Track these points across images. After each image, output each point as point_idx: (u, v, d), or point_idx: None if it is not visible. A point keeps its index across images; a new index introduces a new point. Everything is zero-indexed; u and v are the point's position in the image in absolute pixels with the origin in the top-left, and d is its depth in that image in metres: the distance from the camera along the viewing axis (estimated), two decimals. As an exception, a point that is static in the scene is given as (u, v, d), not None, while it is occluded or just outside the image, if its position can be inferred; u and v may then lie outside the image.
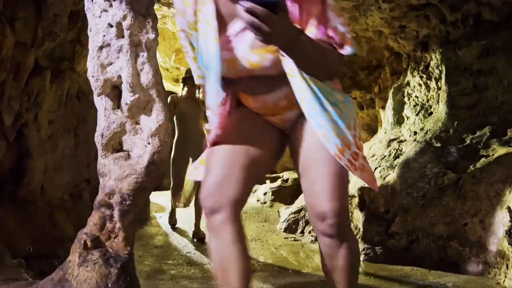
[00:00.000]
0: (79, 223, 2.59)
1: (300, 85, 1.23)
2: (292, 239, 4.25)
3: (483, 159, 3.40)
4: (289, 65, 1.21)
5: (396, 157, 4.26)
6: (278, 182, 6.30)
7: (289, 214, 4.67)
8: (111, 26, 1.91)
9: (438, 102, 4.47)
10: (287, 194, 5.85)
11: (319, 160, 1.28)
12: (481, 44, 4.13)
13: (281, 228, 4.56)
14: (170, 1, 4.92)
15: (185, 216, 5.13)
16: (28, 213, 3.05)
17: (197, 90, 4.62)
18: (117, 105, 1.94)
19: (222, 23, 1.29)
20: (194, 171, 1.45)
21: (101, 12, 1.93)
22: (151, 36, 1.87)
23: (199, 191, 1.36)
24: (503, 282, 2.73)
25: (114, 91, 1.96)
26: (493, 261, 2.90)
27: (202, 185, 1.30)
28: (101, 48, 1.94)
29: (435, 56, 4.54)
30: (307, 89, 1.22)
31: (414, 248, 3.41)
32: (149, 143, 1.85)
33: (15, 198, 3.05)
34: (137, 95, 1.87)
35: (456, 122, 4.06)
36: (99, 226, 1.93)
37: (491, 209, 2.99)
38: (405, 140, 4.59)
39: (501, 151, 3.35)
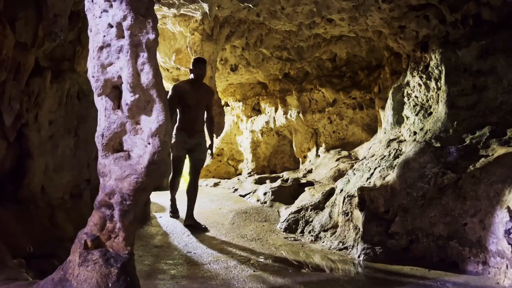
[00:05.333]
0: (79, 223, 2.59)
1: None
2: (292, 239, 4.25)
3: (482, 159, 3.40)
4: None
5: (396, 157, 4.27)
6: (278, 182, 6.29)
7: (289, 214, 4.67)
8: (111, 26, 1.91)
9: (437, 102, 4.47)
10: (287, 194, 5.84)
11: None
12: (480, 44, 4.14)
13: (281, 228, 4.56)
14: (170, 1, 4.92)
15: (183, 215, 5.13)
16: (28, 213, 3.05)
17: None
18: (118, 105, 1.95)
19: None
20: None
21: (101, 12, 1.93)
22: (151, 36, 1.87)
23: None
24: (503, 282, 2.74)
25: (114, 91, 1.96)
26: (492, 261, 2.91)
27: None
28: (101, 48, 1.94)
29: (435, 56, 4.54)
30: None
31: (414, 248, 3.42)
32: (149, 143, 1.86)
33: (15, 198, 3.05)
34: (137, 95, 1.88)
35: (455, 122, 4.06)
36: (99, 226, 1.94)
37: (491, 209, 2.99)
38: (405, 140, 4.60)
39: (500, 151, 3.35)
